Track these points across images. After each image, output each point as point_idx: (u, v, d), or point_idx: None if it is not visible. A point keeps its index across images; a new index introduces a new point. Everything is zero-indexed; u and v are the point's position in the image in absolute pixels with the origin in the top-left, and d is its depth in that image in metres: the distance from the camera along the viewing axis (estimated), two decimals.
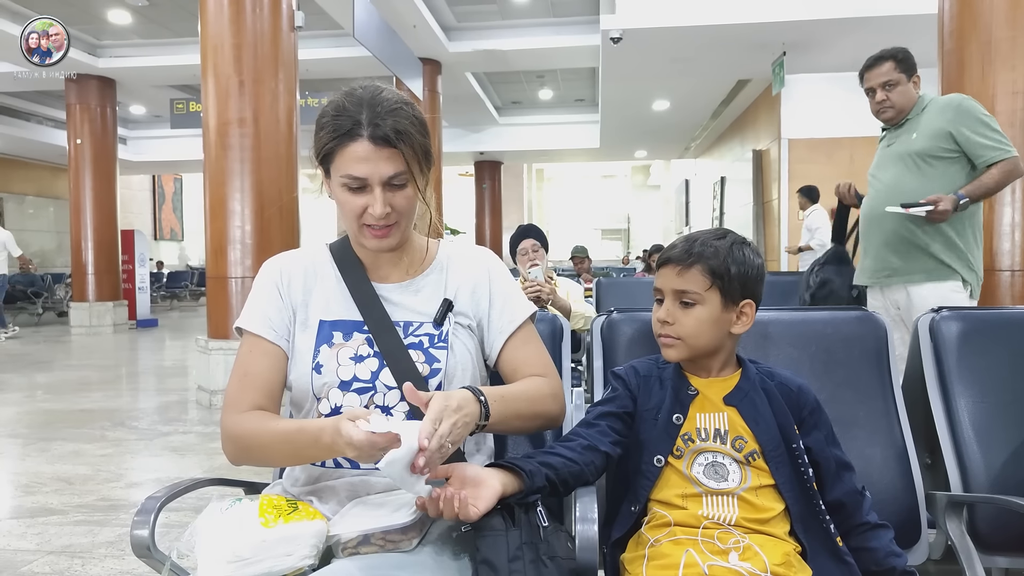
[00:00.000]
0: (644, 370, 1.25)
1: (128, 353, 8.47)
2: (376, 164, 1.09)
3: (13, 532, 2.75)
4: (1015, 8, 3.76)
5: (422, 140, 1.12)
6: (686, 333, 1.18)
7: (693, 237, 1.21)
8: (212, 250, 5.11)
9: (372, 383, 1.13)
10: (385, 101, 1.11)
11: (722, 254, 1.17)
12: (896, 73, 2.64)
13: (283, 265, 1.24)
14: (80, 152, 10.38)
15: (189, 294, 17.85)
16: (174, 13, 8.96)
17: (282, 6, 5.11)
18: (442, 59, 9.82)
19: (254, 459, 1.14)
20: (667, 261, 1.20)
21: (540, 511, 1.09)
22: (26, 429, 4.46)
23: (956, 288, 2.53)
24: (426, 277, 1.23)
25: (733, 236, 1.22)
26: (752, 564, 1.03)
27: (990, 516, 1.37)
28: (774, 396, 1.18)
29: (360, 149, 1.08)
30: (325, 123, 1.12)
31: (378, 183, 1.10)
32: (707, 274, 1.17)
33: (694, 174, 16.31)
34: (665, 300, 1.21)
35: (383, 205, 1.10)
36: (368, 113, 1.09)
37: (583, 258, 6.76)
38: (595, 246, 18.25)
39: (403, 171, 1.10)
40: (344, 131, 1.09)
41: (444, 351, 1.16)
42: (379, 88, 1.13)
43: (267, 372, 1.16)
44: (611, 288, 3.46)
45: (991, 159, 2.50)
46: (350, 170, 1.10)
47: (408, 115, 1.11)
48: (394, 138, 1.08)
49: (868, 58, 2.72)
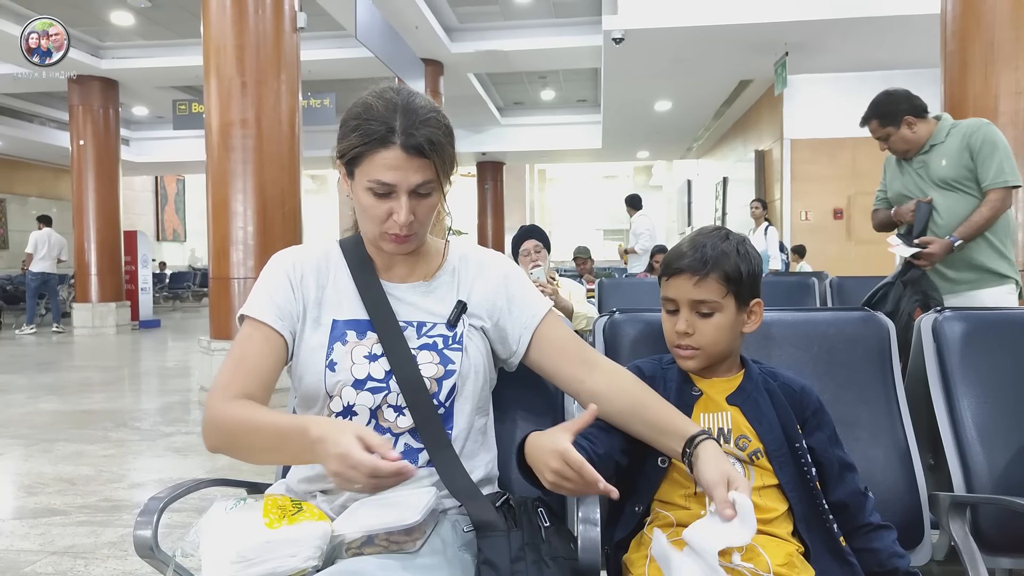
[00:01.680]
0: (649, 371, 1.24)
1: (131, 354, 8.48)
2: (406, 173, 1.08)
3: (16, 533, 2.75)
4: (1018, 8, 3.75)
5: (451, 150, 1.13)
6: (706, 342, 1.17)
7: (700, 242, 1.18)
8: (215, 251, 5.12)
9: (386, 383, 1.12)
10: (420, 109, 1.09)
11: (733, 258, 1.16)
12: (883, 129, 2.70)
13: (296, 258, 1.22)
14: (83, 153, 10.40)
15: (192, 295, 17.88)
16: (176, 14, 8.97)
17: (284, 7, 5.12)
18: (444, 60, 9.83)
19: (236, 450, 1.08)
20: (680, 271, 1.17)
21: (541, 511, 1.10)
22: (29, 430, 4.47)
23: (1011, 290, 2.61)
24: (439, 278, 1.23)
25: (734, 235, 1.21)
26: (755, 564, 1.02)
27: (993, 517, 1.37)
28: (777, 396, 1.18)
29: (392, 156, 1.07)
30: (356, 125, 1.09)
31: (405, 191, 1.09)
32: (723, 281, 1.15)
33: (696, 174, 16.31)
34: (682, 310, 1.18)
35: (408, 213, 1.10)
36: (403, 121, 1.07)
37: (585, 259, 6.76)
38: (597, 247, 18.22)
39: (431, 180, 1.10)
40: (377, 136, 1.07)
41: (459, 353, 1.15)
42: (413, 94, 1.12)
43: (265, 360, 1.12)
44: (613, 289, 3.45)
45: (990, 184, 2.52)
46: (380, 176, 1.08)
47: (440, 124, 1.11)
48: (428, 149, 1.07)
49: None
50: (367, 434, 0.92)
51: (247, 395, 1.08)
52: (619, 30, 7.32)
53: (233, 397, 1.07)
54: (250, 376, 1.10)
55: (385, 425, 1.12)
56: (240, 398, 1.07)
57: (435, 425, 1.10)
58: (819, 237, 8.83)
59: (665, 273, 1.21)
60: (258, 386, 1.10)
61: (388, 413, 1.12)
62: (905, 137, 2.68)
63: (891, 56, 8.13)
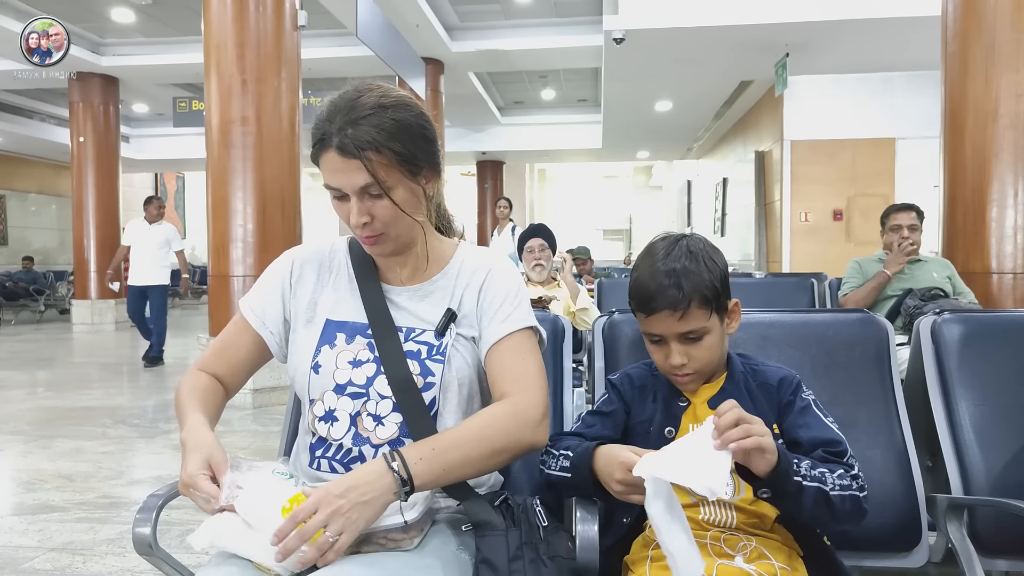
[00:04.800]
0: (639, 379, 1.23)
1: (130, 351, 8.47)
2: (347, 175, 1.05)
3: (15, 529, 2.76)
4: (1019, 10, 3.75)
5: (401, 147, 1.05)
6: (702, 364, 1.15)
7: (670, 269, 1.12)
8: (214, 248, 5.12)
9: (366, 389, 1.12)
10: (360, 107, 1.05)
11: (706, 275, 1.12)
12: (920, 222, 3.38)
13: (298, 257, 1.25)
14: (83, 150, 10.39)
15: (191, 292, 17.85)
16: (177, 12, 8.96)
17: (285, 5, 5.12)
18: (445, 59, 9.82)
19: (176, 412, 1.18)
20: (659, 309, 1.12)
21: (540, 511, 1.09)
22: (28, 426, 4.47)
23: None
24: (435, 283, 1.20)
25: (693, 243, 1.16)
26: (757, 566, 1.03)
27: (991, 519, 1.37)
28: (756, 398, 1.16)
29: (331, 159, 1.06)
30: (312, 130, 1.10)
31: (353, 193, 1.07)
32: (704, 305, 1.12)
33: (696, 175, 16.30)
34: (671, 344, 1.14)
35: (359, 215, 1.07)
36: (339, 122, 1.04)
37: (585, 259, 6.77)
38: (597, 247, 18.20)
39: (372, 182, 1.05)
40: (317, 140, 1.07)
41: (440, 364, 1.13)
42: (362, 91, 1.08)
43: (239, 351, 1.22)
44: (613, 289, 3.46)
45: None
46: (327, 180, 1.09)
47: (382, 121, 1.04)
48: (354, 149, 1.03)
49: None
50: (215, 460, 1.01)
51: (216, 375, 1.21)
52: (620, 30, 7.32)
53: (202, 371, 1.21)
54: (221, 361, 1.22)
55: (364, 435, 1.11)
56: (208, 375, 1.21)
57: (425, 424, 1.10)
58: (819, 238, 8.82)
59: (642, 311, 1.16)
60: (227, 371, 1.22)
61: (368, 422, 1.12)
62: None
63: (892, 58, 8.13)
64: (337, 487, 0.96)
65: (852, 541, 1.34)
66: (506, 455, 1.09)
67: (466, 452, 1.05)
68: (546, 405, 1.13)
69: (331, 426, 1.13)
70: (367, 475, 0.98)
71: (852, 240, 8.68)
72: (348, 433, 1.12)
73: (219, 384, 1.21)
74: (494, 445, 1.07)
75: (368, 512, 0.96)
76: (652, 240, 1.21)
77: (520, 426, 1.09)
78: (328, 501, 0.94)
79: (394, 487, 0.98)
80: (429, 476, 1.01)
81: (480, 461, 1.07)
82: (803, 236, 8.92)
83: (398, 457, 1.00)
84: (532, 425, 1.10)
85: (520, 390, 1.11)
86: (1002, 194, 3.80)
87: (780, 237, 9.14)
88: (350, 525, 0.94)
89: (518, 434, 1.09)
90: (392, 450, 1.02)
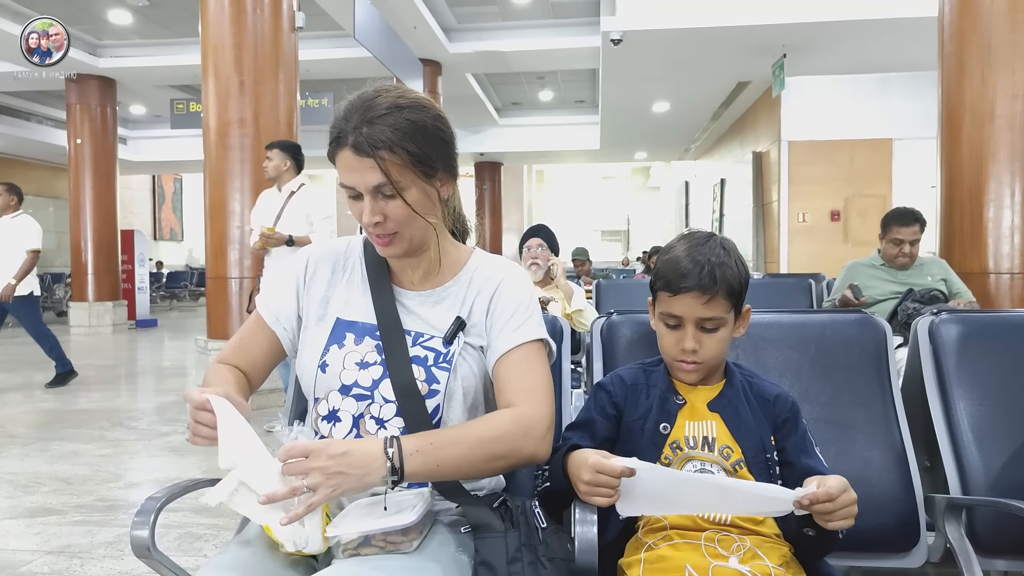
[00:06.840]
0: (631, 379, 1.24)
1: (127, 353, 8.46)
2: (361, 173, 1.06)
3: (12, 532, 2.75)
4: (1015, 11, 3.76)
5: (415, 148, 1.05)
6: (710, 356, 1.17)
7: (706, 258, 1.14)
8: (212, 250, 5.12)
9: (371, 392, 1.12)
10: (376, 107, 1.05)
11: (735, 270, 1.16)
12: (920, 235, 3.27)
13: (314, 255, 1.26)
14: (80, 152, 10.38)
15: (189, 294, 17.85)
16: (175, 13, 8.96)
17: (283, 7, 5.12)
18: (442, 60, 9.83)
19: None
20: (687, 289, 1.14)
21: (538, 512, 1.09)
22: (25, 429, 4.45)
23: None
24: (448, 289, 1.20)
25: (727, 243, 1.20)
26: (751, 567, 1.03)
27: (989, 519, 1.37)
28: (754, 405, 1.18)
29: (346, 157, 1.06)
30: (329, 128, 1.10)
31: (366, 192, 1.07)
32: (729, 297, 1.15)
33: (694, 176, 16.31)
34: (687, 327, 1.16)
35: (371, 214, 1.08)
36: (355, 120, 1.05)
37: (583, 260, 6.77)
38: (595, 248, 18.22)
39: (385, 182, 1.05)
40: (333, 138, 1.08)
41: (446, 372, 1.12)
42: (380, 91, 1.09)
43: (256, 347, 1.24)
44: (611, 290, 3.46)
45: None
46: (342, 178, 1.09)
47: (398, 121, 1.05)
48: (368, 148, 1.03)
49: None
50: (233, 400, 1.04)
51: (238, 368, 1.23)
52: (617, 31, 7.33)
53: (223, 364, 1.24)
54: (240, 355, 1.24)
55: (366, 437, 1.11)
56: (230, 367, 1.23)
57: (427, 429, 1.10)
58: (816, 239, 8.84)
59: (668, 290, 1.17)
60: (246, 365, 1.24)
61: (370, 424, 1.12)
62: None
63: (889, 58, 8.14)
64: (335, 447, 0.98)
65: (851, 541, 1.33)
66: (504, 462, 1.09)
67: (463, 452, 1.05)
68: (551, 419, 1.12)
69: (334, 426, 1.13)
70: (363, 453, 0.99)
71: (850, 240, 8.69)
72: (350, 434, 1.12)
73: (242, 374, 1.23)
74: (493, 450, 1.07)
75: (347, 485, 0.97)
76: (687, 231, 1.24)
77: (523, 436, 1.08)
78: (319, 453, 0.96)
79: (383, 472, 0.99)
80: (421, 470, 1.02)
81: (476, 464, 1.06)
82: (801, 236, 8.94)
83: (395, 444, 1.01)
84: (535, 437, 1.09)
85: (526, 401, 1.11)
86: (999, 194, 3.81)
87: (778, 238, 9.15)
88: (325, 487, 0.95)
89: (519, 443, 1.08)
90: (392, 436, 1.03)
